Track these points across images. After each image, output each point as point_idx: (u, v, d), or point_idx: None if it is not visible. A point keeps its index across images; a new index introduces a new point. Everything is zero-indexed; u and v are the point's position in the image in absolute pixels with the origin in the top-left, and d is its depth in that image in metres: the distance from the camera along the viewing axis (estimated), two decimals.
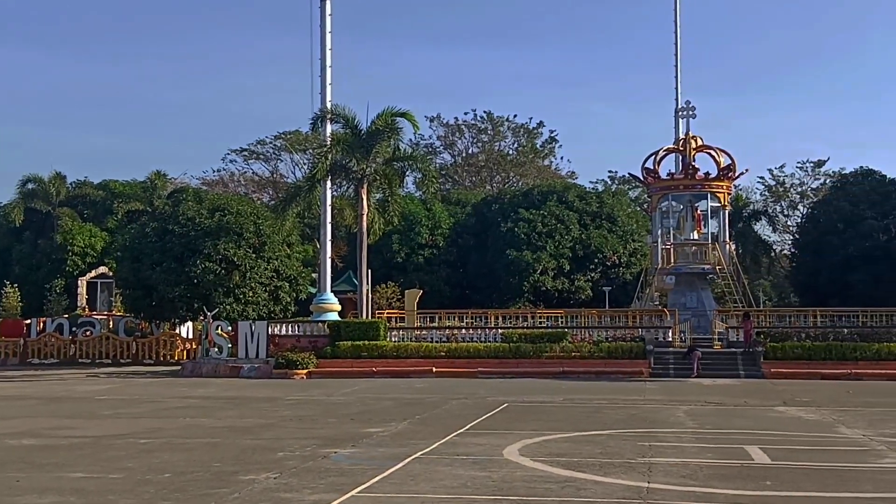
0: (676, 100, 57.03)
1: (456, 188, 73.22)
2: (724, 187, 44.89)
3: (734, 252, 48.63)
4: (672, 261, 44.08)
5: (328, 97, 43.20)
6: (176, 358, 46.07)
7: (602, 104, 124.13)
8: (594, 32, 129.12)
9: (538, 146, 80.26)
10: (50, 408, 24.57)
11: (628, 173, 59.51)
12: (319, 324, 40.21)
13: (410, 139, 62.24)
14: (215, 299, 42.73)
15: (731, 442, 16.84)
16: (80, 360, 47.36)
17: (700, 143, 45.26)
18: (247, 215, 45.21)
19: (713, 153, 45.12)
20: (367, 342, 37.79)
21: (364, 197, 41.15)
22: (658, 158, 45.55)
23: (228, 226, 44.06)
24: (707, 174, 44.76)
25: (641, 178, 47.03)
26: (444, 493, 11.86)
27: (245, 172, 77.24)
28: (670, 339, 38.54)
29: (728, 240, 45.88)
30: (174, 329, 48.85)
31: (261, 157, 75.92)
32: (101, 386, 32.94)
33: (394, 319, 42.38)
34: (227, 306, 42.86)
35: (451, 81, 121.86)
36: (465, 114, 79.36)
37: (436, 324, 40.94)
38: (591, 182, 75.82)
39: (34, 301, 55.39)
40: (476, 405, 24.04)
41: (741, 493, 11.89)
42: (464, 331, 39.73)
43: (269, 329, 39.34)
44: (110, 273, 55.80)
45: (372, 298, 44.84)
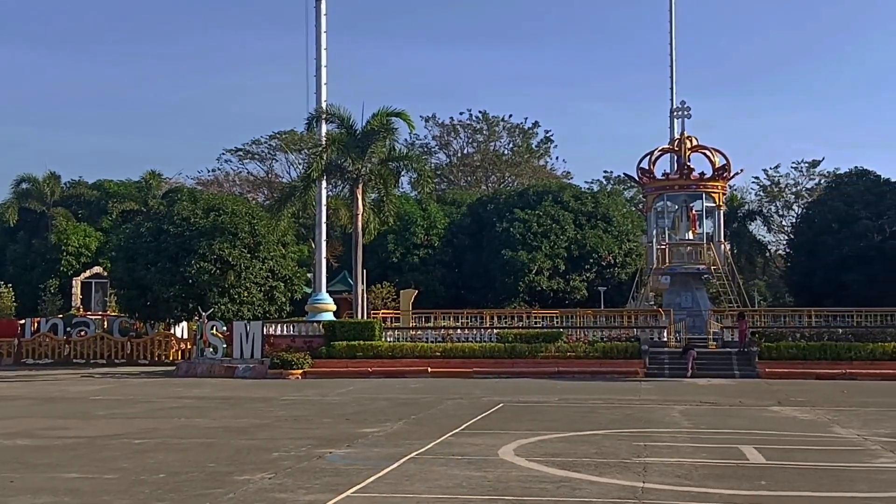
0: (671, 100, 57.11)
1: (451, 188, 73.21)
2: (719, 187, 44.94)
3: (729, 252, 48.68)
4: (667, 261, 44.13)
5: (323, 97, 43.16)
6: (171, 358, 46.05)
7: (597, 104, 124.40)
8: (590, 33, 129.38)
9: (533, 146, 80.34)
10: (44, 408, 24.52)
11: (623, 173, 59.60)
12: (315, 324, 40.18)
13: (406, 139, 62.47)
14: (210, 299, 42.70)
15: (726, 442, 16.85)
16: (75, 360, 47.30)
17: (695, 143, 45.31)
18: (242, 215, 45.19)
19: (708, 153, 45.18)
20: (362, 342, 37.76)
21: (359, 197, 41.15)
22: (653, 158, 45.60)
23: (223, 226, 44.04)
24: (702, 174, 44.82)
25: (637, 179, 47.07)
26: (439, 493, 11.85)
27: (240, 172, 77.24)
28: (665, 339, 38.55)
29: (723, 240, 45.93)
30: (169, 329, 48.79)
31: (256, 156, 75.85)
32: (95, 386, 32.89)
33: (389, 319, 42.35)
34: (222, 306, 42.86)
35: (447, 81, 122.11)
36: (461, 114, 79.60)
37: (431, 324, 40.92)
38: (586, 182, 75.98)
39: (28, 301, 55.31)
40: (471, 405, 24.03)
41: (736, 493, 11.89)
42: (459, 331, 39.72)
43: (264, 329, 39.31)
44: (105, 273, 55.73)
45: (367, 298, 44.82)
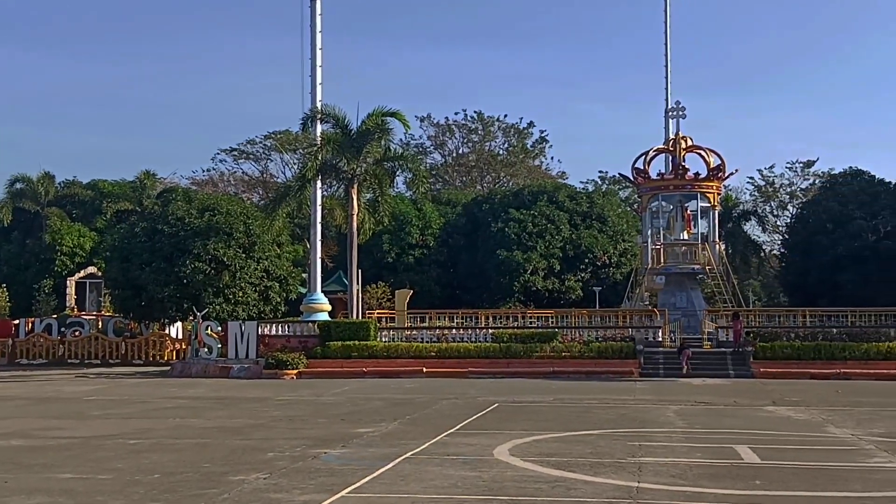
0: (666, 100, 57.11)
1: (446, 188, 73.23)
2: (714, 187, 44.99)
3: (724, 252, 48.76)
4: (662, 261, 44.16)
5: (318, 97, 43.15)
6: (165, 358, 45.96)
7: (593, 104, 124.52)
8: (586, 33, 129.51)
9: (528, 146, 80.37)
10: (38, 408, 24.48)
11: (618, 173, 59.70)
12: (309, 324, 40.15)
13: (401, 139, 62.35)
14: (205, 299, 42.65)
15: (721, 441, 16.88)
16: (69, 360, 47.19)
17: (690, 143, 45.33)
18: (236, 215, 45.14)
19: (703, 153, 45.21)
20: (357, 342, 37.75)
21: (354, 197, 41.12)
22: (648, 159, 45.61)
23: (218, 226, 43.99)
24: (697, 174, 44.85)
25: (631, 179, 47.10)
26: (434, 493, 11.85)
27: (235, 172, 77.07)
28: (660, 339, 38.58)
29: (718, 240, 45.98)
30: (163, 329, 48.73)
31: (251, 156, 75.70)
32: (89, 386, 32.82)
33: (384, 319, 42.35)
34: (217, 306, 42.81)
35: (442, 81, 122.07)
36: (456, 114, 79.61)
37: (426, 324, 40.93)
38: (581, 182, 76.17)
39: (23, 301, 55.21)
40: (466, 405, 24.03)
41: (731, 493, 11.91)
42: (454, 331, 39.71)
43: (259, 329, 39.28)
44: (99, 273, 55.64)
45: (362, 298, 44.82)
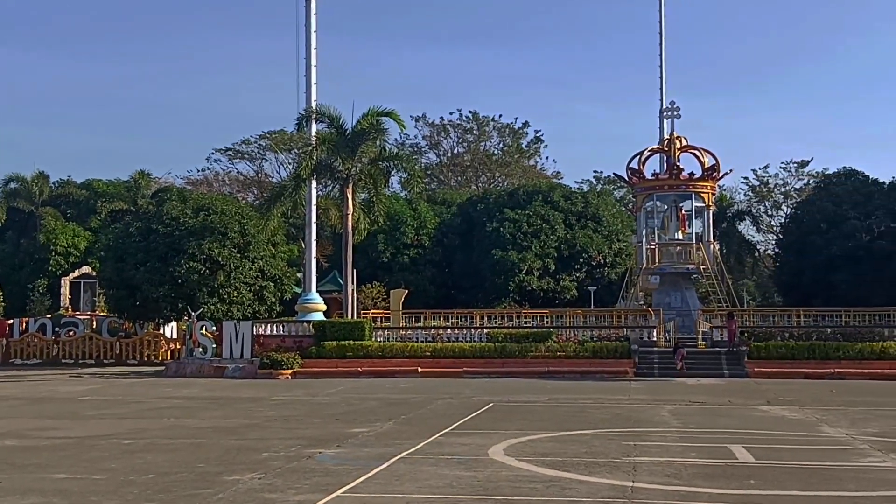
0: (661, 100, 57.25)
1: (441, 188, 73.19)
2: (709, 187, 45.07)
3: (718, 252, 48.84)
4: (656, 261, 44.23)
5: (313, 97, 43.12)
6: (160, 358, 45.89)
7: (588, 104, 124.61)
8: (580, 33, 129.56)
9: (523, 146, 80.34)
10: (33, 408, 24.43)
11: (613, 173, 59.71)
12: (304, 324, 40.12)
13: (396, 139, 62.44)
14: (200, 299, 42.60)
15: (716, 441, 16.91)
16: (64, 360, 47.10)
17: (685, 143, 45.41)
18: (231, 215, 45.10)
19: (697, 153, 45.29)
20: (352, 342, 37.73)
21: (349, 196, 41.11)
22: (643, 159, 45.68)
23: (213, 225, 43.94)
24: (691, 174, 44.93)
25: (626, 179, 47.16)
26: (429, 492, 11.86)
27: (230, 172, 76.98)
28: (655, 339, 38.64)
29: (712, 240, 46.06)
30: (158, 329, 48.64)
31: (245, 156, 75.63)
32: (84, 386, 32.75)
33: (379, 319, 42.33)
34: (212, 306, 42.76)
35: (437, 81, 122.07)
36: (451, 114, 79.50)
37: (421, 324, 40.93)
38: (576, 182, 75.95)
39: (17, 301, 55.08)
40: (461, 405, 24.04)
41: (725, 493, 11.93)
42: (449, 331, 39.70)
43: (254, 329, 39.22)
44: (94, 273, 55.53)
45: (357, 298, 44.77)
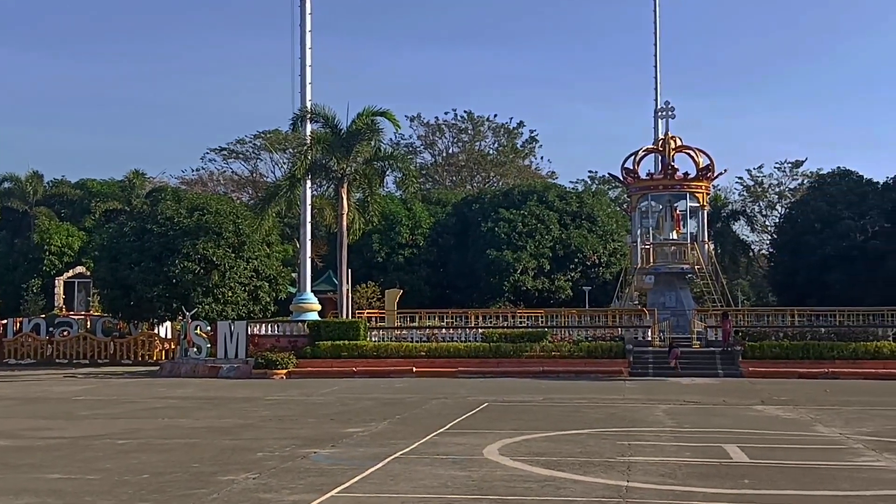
0: (656, 100, 57.27)
1: (436, 188, 73.20)
2: (703, 187, 45.10)
3: (713, 252, 48.89)
4: (651, 260, 44.25)
5: (308, 96, 43.11)
6: (154, 358, 45.85)
7: (582, 104, 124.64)
8: (575, 33, 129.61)
9: (518, 146, 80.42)
10: (27, 408, 24.38)
11: (608, 173, 59.78)
12: (299, 324, 40.10)
13: (391, 139, 62.30)
14: (194, 299, 42.54)
15: (710, 441, 16.93)
16: (58, 360, 47.05)
17: (679, 143, 45.44)
18: (226, 215, 45.04)
19: (692, 153, 45.32)
20: (347, 342, 37.73)
21: (344, 196, 41.10)
22: (637, 159, 45.70)
23: (207, 225, 43.88)
24: (686, 174, 44.96)
25: (621, 179, 47.18)
26: (423, 492, 11.85)
27: (224, 172, 76.91)
28: (650, 339, 38.69)
29: (707, 240, 46.10)
30: (152, 329, 48.60)
31: (240, 156, 75.57)
32: (78, 386, 32.70)
33: (374, 319, 42.31)
34: (206, 306, 42.70)
35: (432, 81, 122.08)
36: (446, 113, 79.61)
37: (416, 323, 40.91)
38: (571, 182, 76.17)
39: (11, 301, 54.97)
40: (456, 405, 24.04)
41: (719, 492, 11.95)
42: (444, 330, 39.71)
43: (249, 329, 39.20)
44: (88, 273, 55.43)
45: (352, 298, 44.78)
